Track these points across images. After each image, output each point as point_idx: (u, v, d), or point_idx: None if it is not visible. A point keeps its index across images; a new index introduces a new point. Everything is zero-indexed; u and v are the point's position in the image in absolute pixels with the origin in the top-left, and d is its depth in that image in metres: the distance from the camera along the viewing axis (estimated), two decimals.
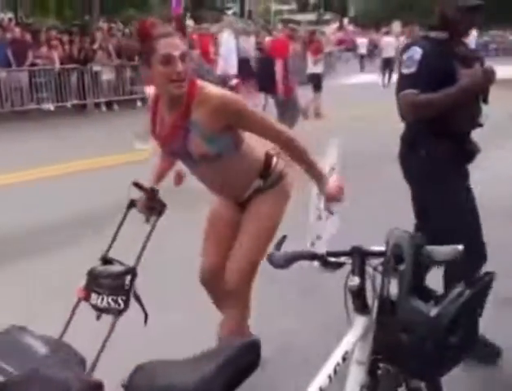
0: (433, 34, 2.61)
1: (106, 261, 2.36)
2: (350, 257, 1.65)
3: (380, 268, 1.65)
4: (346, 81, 18.34)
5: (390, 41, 18.06)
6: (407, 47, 2.66)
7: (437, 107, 2.51)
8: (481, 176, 3.54)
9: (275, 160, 2.38)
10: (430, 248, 1.55)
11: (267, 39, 11.33)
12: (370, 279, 1.66)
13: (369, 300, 1.66)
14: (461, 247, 1.52)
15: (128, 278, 2.22)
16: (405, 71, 2.57)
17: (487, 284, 1.49)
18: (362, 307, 1.63)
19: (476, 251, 2.55)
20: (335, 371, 1.53)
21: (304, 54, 11.81)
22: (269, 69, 7.51)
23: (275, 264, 1.72)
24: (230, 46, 9.58)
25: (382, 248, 1.61)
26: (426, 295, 1.57)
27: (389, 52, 17.39)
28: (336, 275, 1.72)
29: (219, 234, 2.52)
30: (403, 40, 17.86)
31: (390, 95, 2.83)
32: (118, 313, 2.20)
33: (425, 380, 1.57)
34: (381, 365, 1.74)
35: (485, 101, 2.64)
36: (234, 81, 9.01)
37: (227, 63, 9.37)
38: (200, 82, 2.13)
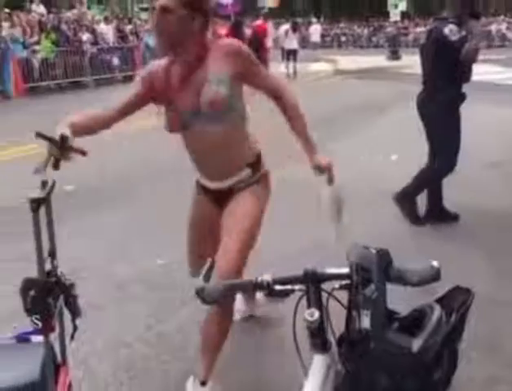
0: None
1: None
2: (303, 283, 1.34)
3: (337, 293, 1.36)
4: None
5: None
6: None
7: None
8: None
9: (263, 159, 2.44)
10: (400, 266, 1.29)
11: None
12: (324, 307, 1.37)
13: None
14: (436, 263, 1.28)
15: None
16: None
17: (467, 307, 1.27)
18: (322, 344, 1.34)
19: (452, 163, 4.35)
20: None
21: None
22: None
23: (207, 299, 1.36)
24: None
25: (343, 271, 1.32)
26: (388, 317, 1.31)
27: None
28: None
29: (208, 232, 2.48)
30: None
31: None
32: None
33: None
34: None
35: None
36: None
37: None
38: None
